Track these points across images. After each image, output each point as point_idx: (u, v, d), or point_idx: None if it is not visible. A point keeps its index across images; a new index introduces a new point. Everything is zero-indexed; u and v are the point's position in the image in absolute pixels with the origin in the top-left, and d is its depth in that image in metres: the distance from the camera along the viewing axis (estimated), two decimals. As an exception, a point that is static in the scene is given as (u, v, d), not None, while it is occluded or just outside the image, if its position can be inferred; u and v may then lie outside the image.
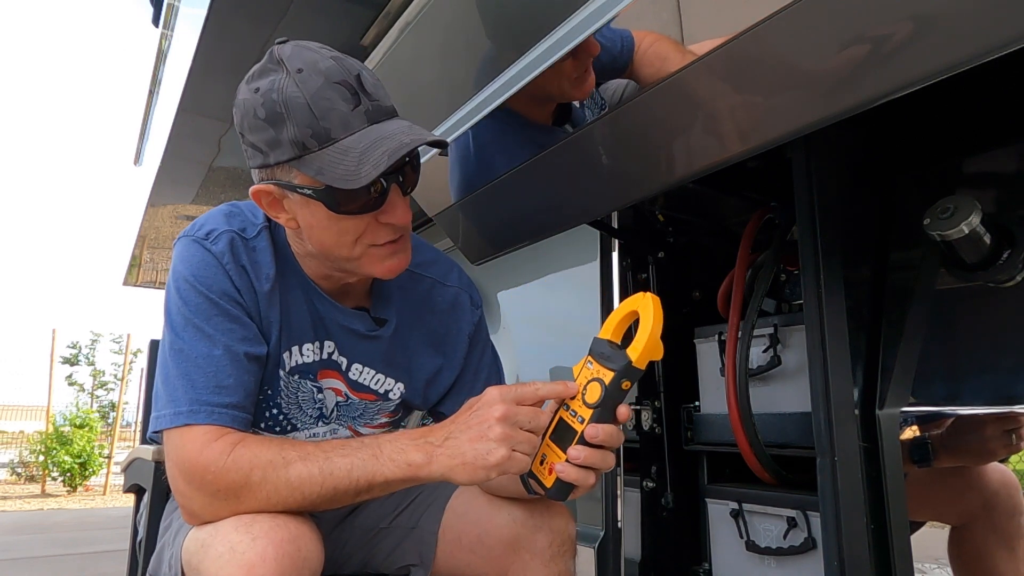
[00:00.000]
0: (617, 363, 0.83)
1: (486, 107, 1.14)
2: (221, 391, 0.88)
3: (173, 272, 0.95)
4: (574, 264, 1.84)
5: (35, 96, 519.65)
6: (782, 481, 1.26)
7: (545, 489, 0.85)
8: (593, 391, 0.83)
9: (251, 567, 0.75)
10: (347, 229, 0.89)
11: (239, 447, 0.84)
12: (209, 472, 0.83)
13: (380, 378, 1.07)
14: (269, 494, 0.82)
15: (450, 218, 1.51)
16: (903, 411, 1.08)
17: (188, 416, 0.86)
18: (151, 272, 5.10)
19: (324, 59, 0.85)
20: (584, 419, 0.83)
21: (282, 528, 0.80)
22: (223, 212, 0.99)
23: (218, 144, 2.53)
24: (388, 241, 0.92)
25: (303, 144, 0.83)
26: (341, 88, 0.83)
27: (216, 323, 0.91)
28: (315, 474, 0.83)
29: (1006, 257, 1.02)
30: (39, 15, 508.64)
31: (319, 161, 0.83)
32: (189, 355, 0.89)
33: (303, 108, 0.82)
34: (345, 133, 0.83)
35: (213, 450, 0.84)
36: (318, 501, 0.84)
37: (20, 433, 10.28)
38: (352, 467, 0.83)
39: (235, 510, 0.83)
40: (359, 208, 0.87)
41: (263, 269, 0.96)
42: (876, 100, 0.72)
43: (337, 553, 1.12)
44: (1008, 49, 0.61)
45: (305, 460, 0.84)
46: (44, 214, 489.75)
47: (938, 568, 1.44)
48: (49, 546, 4.53)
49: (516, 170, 1.24)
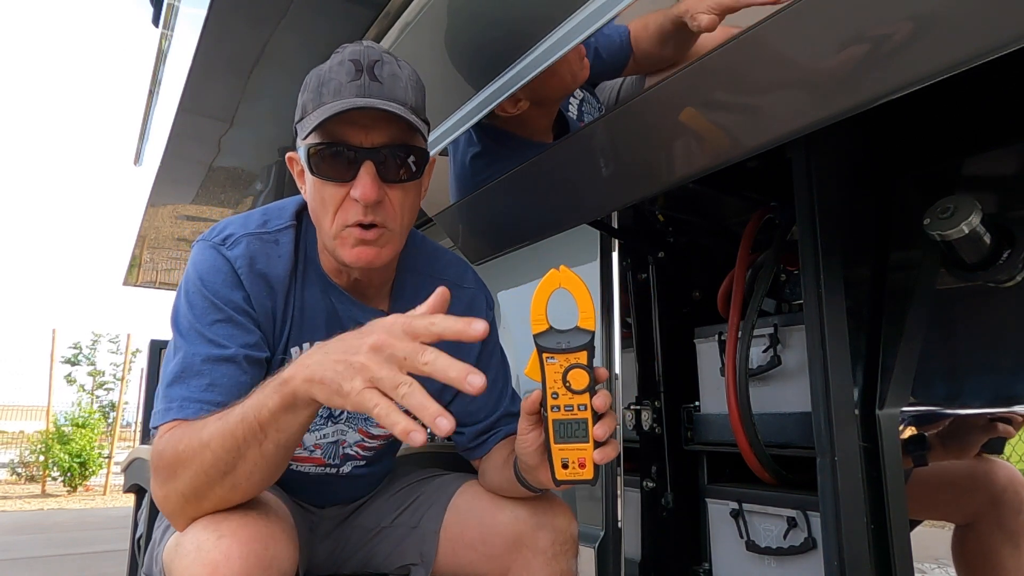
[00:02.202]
0: (580, 341, 0.81)
1: (486, 107, 1.14)
2: (213, 389, 0.88)
3: (185, 275, 0.96)
4: (574, 264, 1.84)
5: (35, 96, 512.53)
6: (782, 481, 1.26)
7: (588, 481, 0.84)
8: (578, 378, 0.81)
9: (215, 566, 0.74)
10: (326, 199, 0.92)
11: (177, 428, 0.83)
12: (156, 458, 0.82)
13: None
14: (191, 460, 0.78)
15: (450, 218, 1.51)
16: (903, 411, 1.08)
17: (178, 410, 0.86)
18: (151, 272, 5.10)
19: (362, 47, 0.94)
20: (586, 405, 0.82)
21: (250, 527, 0.78)
22: (244, 216, 1.01)
23: (218, 144, 2.52)
24: (357, 222, 0.91)
25: (304, 107, 0.93)
26: (351, 64, 0.91)
27: (218, 329, 0.91)
28: (220, 429, 0.78)
29: (1006, 257, 1.02)
30: (39, 15, 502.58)
31: (307, 121, 0.91)
32: (189, 357, 0.90)
33: (316, 77, 0.93)
34: (333, 99, 0.89)
35: (163, 438, 0.83)
36: (228, 458, 0.77)
37: (20, 433, 10.28)
38: (244, 411, 0.77)
39: (181, 493, 0.80)
40: (330, 174, 0.91)
41: (283, 265, 0.98)
42: (876, 100, 0.72)
43: (338, 552, 1.12)
44: (1008, 49, 0.61)
45: (218, 420, 0.79)
46: (44, 214, 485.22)
47: (938, 568, 1.43)
48: (49, 546, 4.53)
49: (516, 170, 1.25)
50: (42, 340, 11.69)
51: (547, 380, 0.83)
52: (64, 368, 8.78)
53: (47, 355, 8.50)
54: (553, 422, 0.84)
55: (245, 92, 1.92)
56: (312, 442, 1.06)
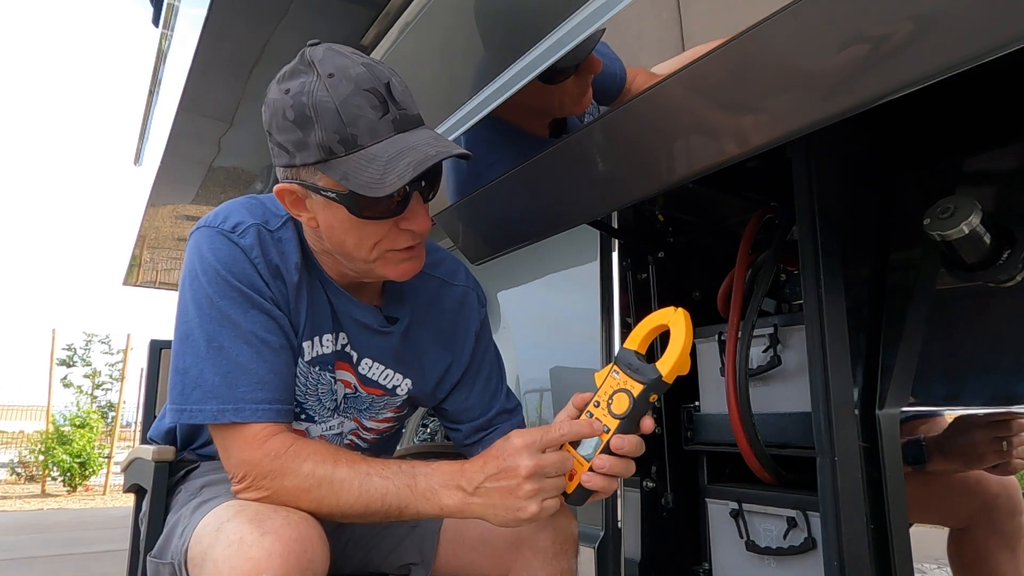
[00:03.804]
0: (646, 376, 0.82)
1: (486, 107, 1.14)
2: (262, 387, 0.90)
3: (200, 263, 0.92)
4: (574, 264, 1.84)
5: (35, 96, 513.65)
6: (782, 481, 1.26)
7: (565, 495, 0.85)
8: (620, 402, 0.82)
9: (257, 562, 0.76)
10: (368, 233, 0.90)
11: (293, 447, 0.88)
12: (265, 469, 0.87)
13: (389, 373, 1.08)
14: (307, 490, 0.86)
15: (450, 218, 1.51)
16: (903, 411, 1.08)
17: (234, 414, 0.88)
18: (151, 272, 5.10)
19: (355, 65, 0.86)
20: (609, 428, 0.83)
21: (293, 527, 0.80)
22: (244, 205, 0.99)
23: (218, 144, 2.53)
24: (406, 246, 0.93)
25: (330, 148, 0.84)
26: (370, 95, 0.84)
27: (252, 316, 0.91)
28: (354, 485, 0.86)
29: (1006, 257, 1.02)
30: (39, 15, 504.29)
31: (344, 166, 0.84)
32: (228, 351, 0.89)
33: (332, 113, 0.83)
34: (372, 140, 0.84)
35: (268, 449, 0.87)
36: (348, 512, 0.86)
37: (20, 433, 10.28)
38: (387, 492, 0.85)
39: (274, 493, 0.87)
40: (380, 214, 0.88)
41: (291, 259, 0.97)
42: (876, 100, 0.72)
43: (338, 551, 1.12)
44: (1008, 49, 0.60)
45: (351, 467, 0.87)
46: (44, 214, 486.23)
47: (938, 568, 1.43)
48: (49, 546, 4.53)
49: (516, 170, 1.24)
50: (42, 340, 11.68)
51: (601, 388, 0.86)
52: (60, 370, 8.77)
53: (47, 355, 8.51)
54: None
55: (245, 92, 1.92)
56: (318, 434, 1.07)
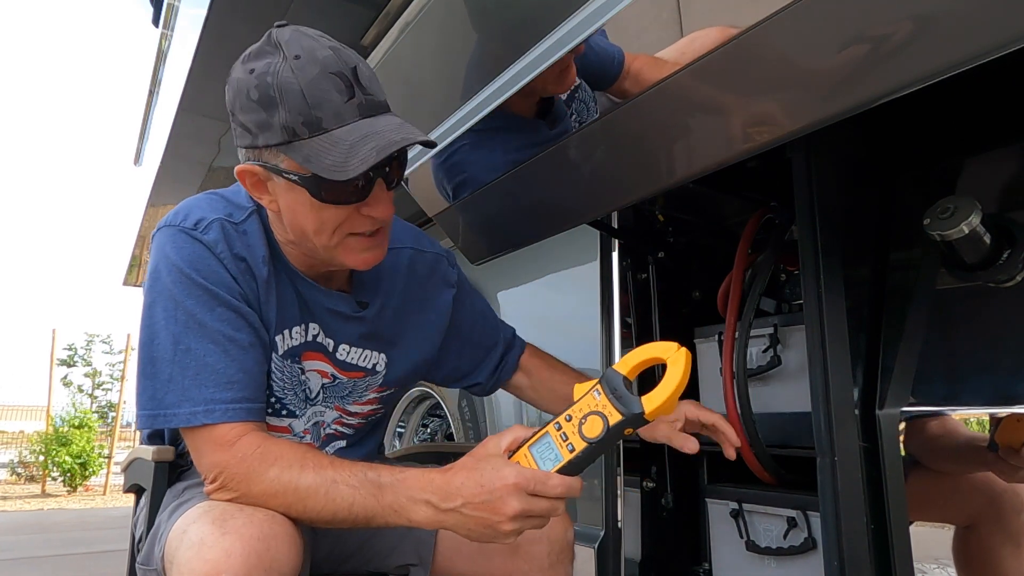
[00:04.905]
0: (628, 408, 0.78)
1: (486, 107, 1.14)
2: (231, 386, 0.88)
3: (164, 263, 0.91)
4: (574, 264, 1.84)
5: (35, 96, 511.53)
6: (782, 481, 1.26)
7: None
8: (594, 425, 0.79)
9: (215, 563, 0.75)
10: (328, 218, 0.89)
11: (261, 448, 0.87)
12: (234, 472, 0.86)
13: (368, 354, 1.08)
14: (275, 494, 0.85)
15: (450, 218, 1.51)
16: (903, 411, 1.08)
17: (204, 415, 0.87)
18: (151, 272, 5.09)
19: (322, 48, 0.85)
20: (574, 448, 0.79)
21: (255, 526, 0.79)
22: (205, 200, 0.97)
23: (218, 144, 2.53)
24: (367, 233, 0.92)
25: (293, 130, 0.83)
26: (336, 79, 0.84)
27: (219, 314, 0.90)
28: (320, 493, 0.84)
29: (1006, 257, 1.02)
30: (39, 15, 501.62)
31: (307, 149, 0.83)
32: (195, 352, 0.88)
33: (297, 95, 0.82)
34: (336, 124, 0.83)
35: (236, 451, 0.86)
36: (317, 519, 0.85)
37: (20, 433, 10.28)
38: (353, 502, 0.84)
39: (243, 496, 0.86)
40: (342, 198, 0.87)
41: (258, 252, 0.95)
42: (876, 100, 0.72)
43: (336, 552, 1.12)
44: (1008, 49, 0.60)
45: (317, 473, 0.85)
46: (44, 214, 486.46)
47: (938, 568, 1.44)
48: (49, 546, 4.53)
49: (516, 170, 1.24)
50: (42, 340, 11.67)
51: (578, 402, 0.82)
52: (61, 370, 8.76)
53: (47, 355, 8.51)
54: (544, 434, 0.83)
55: (245, 92, 1.91)
56: (301, 428, 1.06)
